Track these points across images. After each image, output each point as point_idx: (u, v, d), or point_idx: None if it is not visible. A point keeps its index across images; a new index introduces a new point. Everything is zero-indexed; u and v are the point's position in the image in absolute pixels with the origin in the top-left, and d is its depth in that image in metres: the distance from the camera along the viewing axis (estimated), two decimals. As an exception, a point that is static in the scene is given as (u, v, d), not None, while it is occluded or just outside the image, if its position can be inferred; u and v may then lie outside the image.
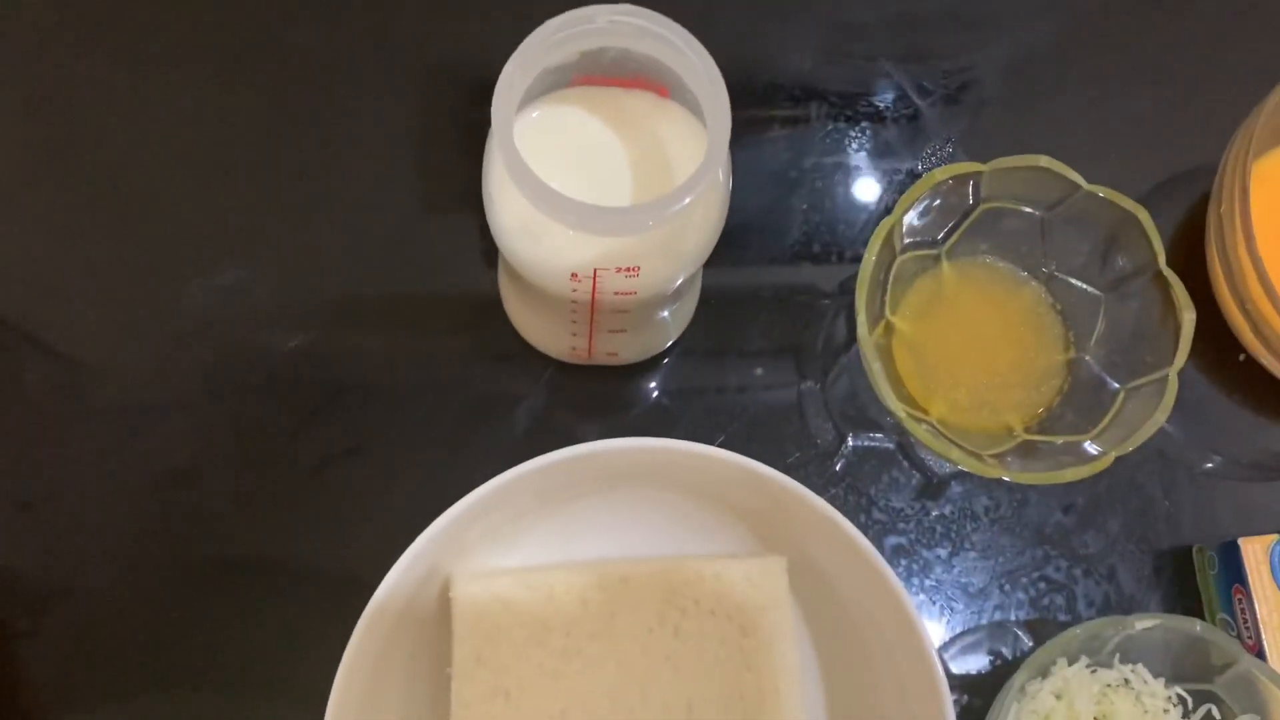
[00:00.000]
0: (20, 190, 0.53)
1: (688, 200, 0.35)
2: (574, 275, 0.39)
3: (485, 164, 0.40)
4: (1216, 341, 0.52)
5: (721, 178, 0.40)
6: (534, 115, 0.41)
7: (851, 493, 0.52)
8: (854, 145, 0.56)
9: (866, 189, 0.56)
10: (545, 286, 0.40)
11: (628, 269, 0.38)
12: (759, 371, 0.54)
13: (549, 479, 0.42)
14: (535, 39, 0.36)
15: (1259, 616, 0.47)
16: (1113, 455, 0.46)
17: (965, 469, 0.46)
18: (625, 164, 0.40)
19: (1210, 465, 0.53)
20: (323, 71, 0.55)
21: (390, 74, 0.55)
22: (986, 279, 0.53)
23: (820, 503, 0.40)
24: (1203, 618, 0.50)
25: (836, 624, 0.45)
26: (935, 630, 0.50)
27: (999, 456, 0.49)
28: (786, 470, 0.51)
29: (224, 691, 0.48)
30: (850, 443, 0.53)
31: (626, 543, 0.45)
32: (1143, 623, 0.44)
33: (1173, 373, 0.46)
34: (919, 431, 0.46)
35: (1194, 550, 0.51)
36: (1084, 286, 0.51)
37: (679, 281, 0.41)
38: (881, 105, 0.57)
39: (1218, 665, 0.45)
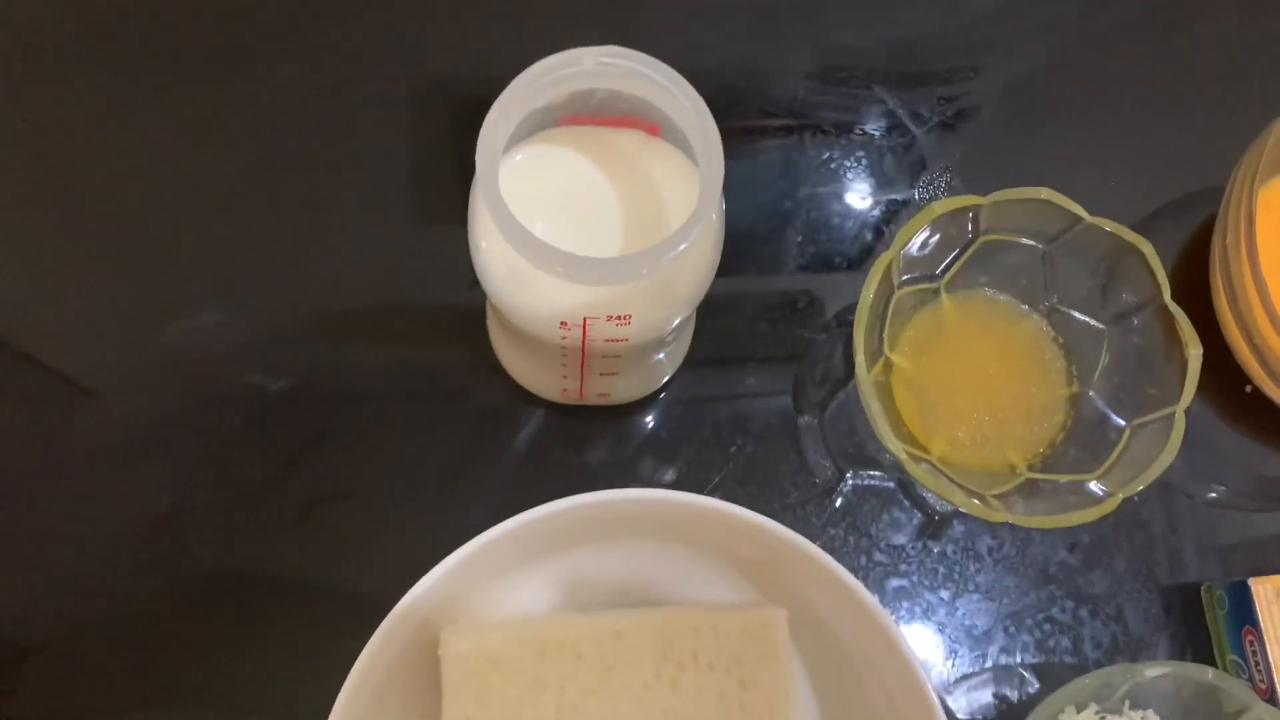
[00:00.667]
0: (-6, 231, 0.52)
1: (682, 248, 0.34)
2: (563, 323, 0.37)
3: (470, 210, 0.38)
4: (1222, 372, 0.51)
5: (715, 219, 0.38)
6: (519, 158, 0.39)
7: (852, 532, 0.51)
8: (849, 174, 0.55)
9: (861, 219, 0.55)
10: (534, 333, 0.39)
11: (619, 317, 0.37)
12: (755, 407, 0.52)
13: (540, 531, 0.40)
14: (520, 84, 0.35)
15: (1271, 659, 0.46)
16: (1119, 497, 0.44)
17: (967, 511, 0.44)
18: (615, 206, 0.39)
19: (1217, 498, 0.52)
20: (306, 103, 0.54)
21: (373, 103, 0.54)
22: (987, 312, 0.52)
23: (816, 551, 0.39)
24: (1212, 658, 0.49)
25: (838, 674, 0.43)
26: (939, 674, 0.49)
27: (1002, 496, 0.47)
28: (785, 509, 0.51)
29: (207, 749, 0.46)
30: (849, 480, 0.52)
31: (622, 594, 0.44)
32: (1153, 670, 0.43)
33: (1179, 410, 0.45)
34: (919, 473, 0.44)
35: (1202, 589, 0.50)
36: (1087, 320, 0.50)
37: (673, 325, 0.40)
38: (876, 133, 0.56)
39: (1230, 712, 0.44)
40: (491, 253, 0.37)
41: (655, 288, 0.37)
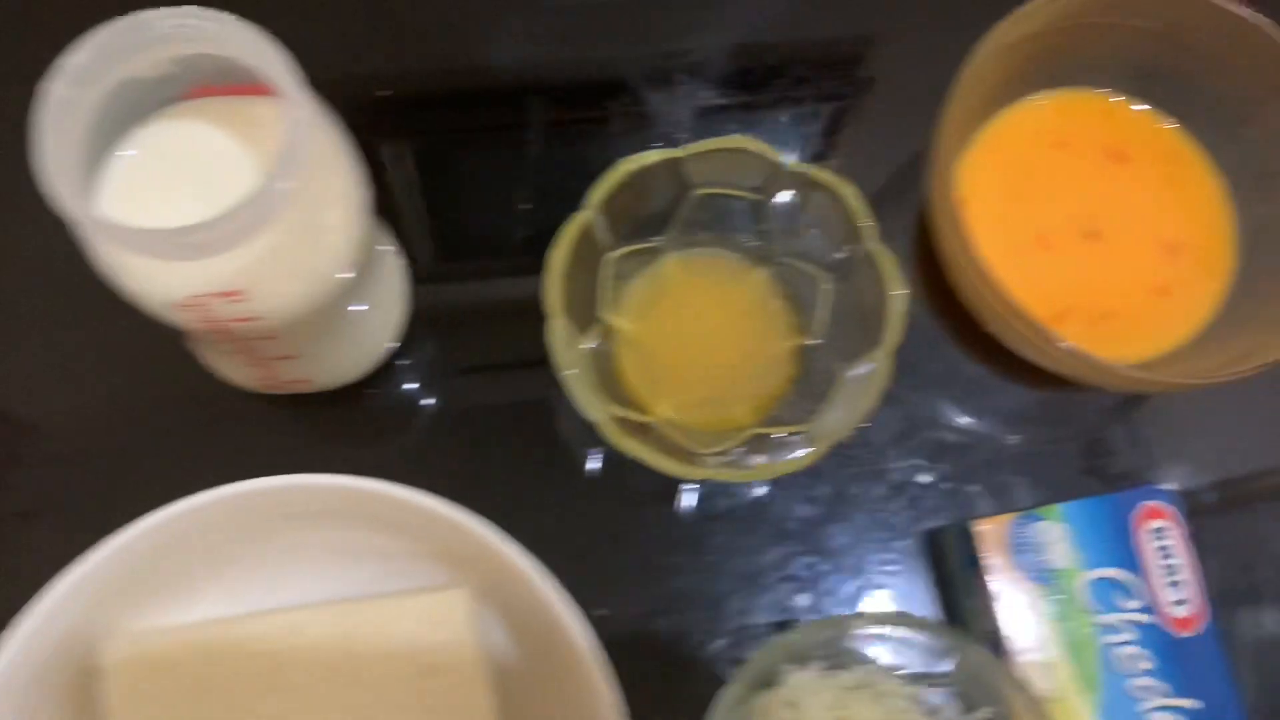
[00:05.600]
0: None
1: (249, 218, 0.32)
2: (179, 306, 0.35)
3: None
4: (964, 313, 0.50)
5: (343, 183, 0.36)
6: (142, 135, 0.37)
7: (602, 501, 0.49)
8: (576, 139, 0.54)
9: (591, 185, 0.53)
10: (164, 320, 0.37)
11: (230, 294, 0.35)
12: (487, 386, 0.51)
13: (201, 524, 0.38)
14: (84, 55, 0.32)
15: (996, 601, 0.45)
16: (824, 446, 0.43)
17: (672, 474, 0.43)
18: (246, 182, 0.37)
19: (960, 443, 0.51)
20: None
21: None
22: (710, 269, 0.50)
23: (478, 525, 0.37)
24: (953, 604, 0.48)
25: (532, 654, 0.42)
26: (679, 643, 0.47)
27: (725, 453, 0.46)
28: (534, 489, 0.49)
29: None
30: (592, 453, 0.50)
31: (306, 588, 0.42)
32: (857, 622, 0.42)
33: (884, 354, 0.44)
34: (615, 436, 0.43)
35: (936, 535, 0.49)
36: (809, 269, 0.49)
37: (320, 301, 0.38)
38: (604, 95, 0.54)
39: (954, 659, 0.43)
40: (91, 243, 0.35)
41: (269, 261, 0.35)
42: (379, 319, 0.47)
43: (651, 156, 0.45)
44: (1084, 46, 0.49)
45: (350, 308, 0.43)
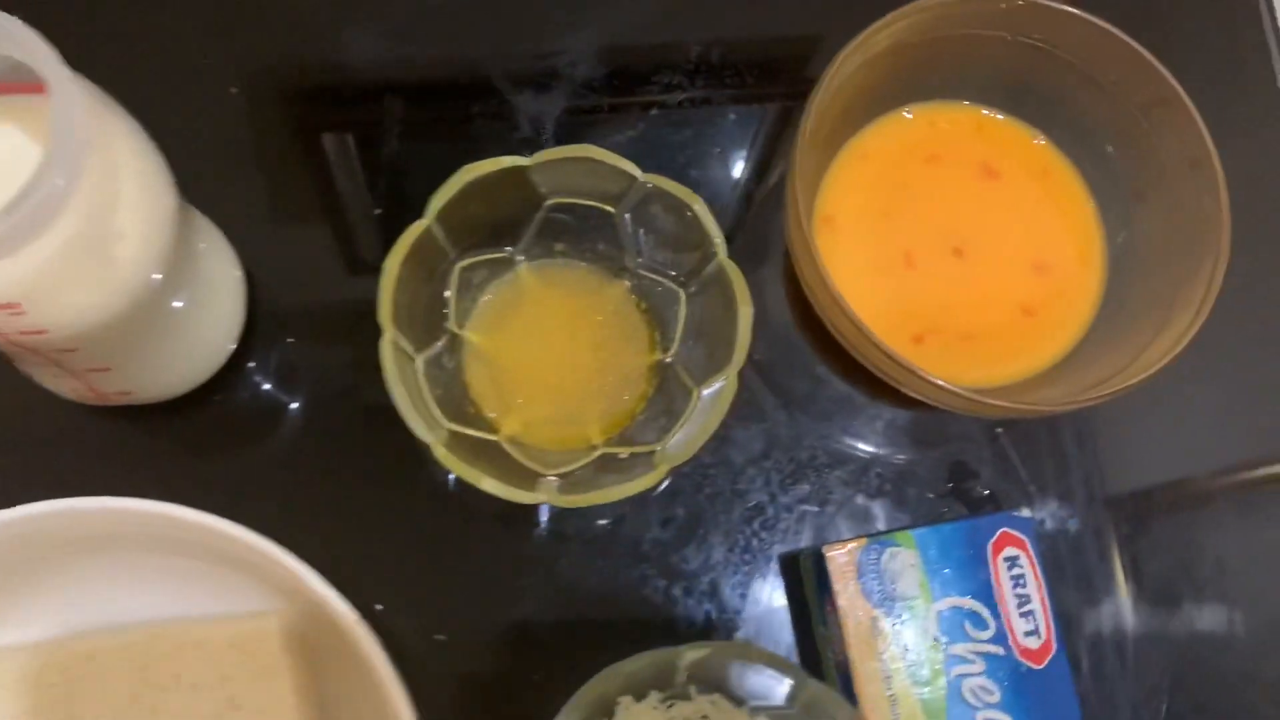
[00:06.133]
0: None
1: (17, 223, 0.30)
2: (-50, 318, 0.33)
3: None
4: (824, 330, 0.49)
5: (133, 191, 0.34)
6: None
7: (450, 516, 0.47)
8: (436, 142, 0.52)
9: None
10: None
11: (5, 306, 0.33)
12: (337, 392, 0.49)
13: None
14: None
15: (845, 629, 0.44)
16: (665, 470, 0.42)
17: (507, 499, 0.41)
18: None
19: (823, 463, 0.50)
20: None
21: None
22: (566, 281, 0.49)
23: (271, 548, 0.35)
24: (808, 630, 0.47)
25: (346, 679, 0.40)
26: (516, 675, 0.46)
27: (572, 474, 0.45)
28: (381, 504, 0.47)
29: None
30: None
31: (112, 612, 0.40)
32: (694, 652, 0.40)
33: (731, 373, 0.43)
34: (446, 459, 0.41)
35: (792, 559, 0.48)
36: (665, 283, 0.47)
37: (118, 312, 0.36)
38: (466, 96, 0.52)
39: (794, 691, 0.41)
40: None
41: (48, 273, 0.33)
42: (209, 324, 0.45)
43: (488, 166, 0.43)
44: (951, 59, 0.48)
45: (171, 314, 0.41)
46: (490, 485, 0.41)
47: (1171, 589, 0.49)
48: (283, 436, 0.48)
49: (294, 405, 0.48)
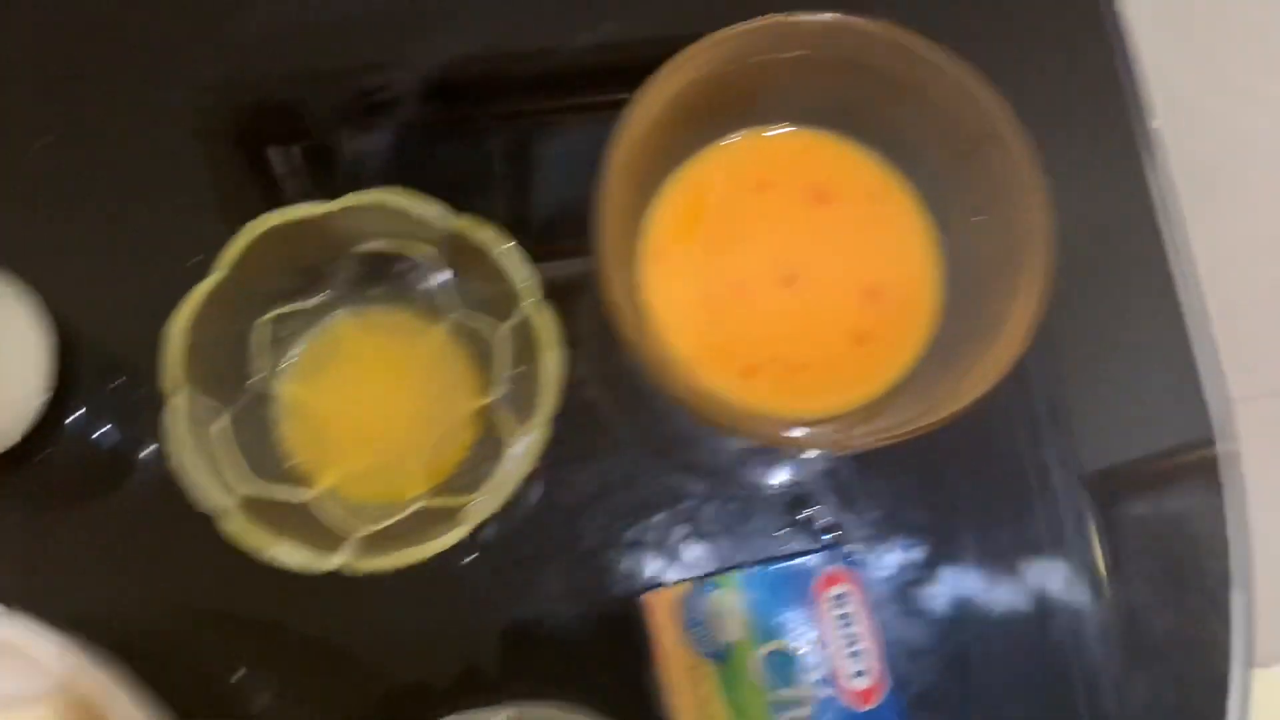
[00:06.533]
0: None
1: None
2: None
3: None
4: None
5: None
6: None
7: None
8: (251, 187, 0.50)
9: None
10: None
11: None
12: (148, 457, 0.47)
13: None
14: None
15: (670, 677, 0.43)
16: (473, 523, 0.41)
17: (297, 569, 0.40)
18: None
19: (657, 502, 0.48)
20: None
21: None
22: (386, 328, 0.47)
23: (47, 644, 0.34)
24: (642, 680, 0.46)
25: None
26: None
27: (388, 529, 0.43)
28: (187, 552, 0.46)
29: None
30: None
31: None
32: (497, 715, 0.39)
33: (540, 420, 0.42)
34: (237, 529, 0.40)
35: (625, 603, 0.46)
36: (487, 326, 0.46)
37: None
38: (282, 136, 0.51)
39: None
40: None
41: None
42: (10, 377, 0.43)
43: (281, 216, 0.42)
44: (773, 82, 0.47)
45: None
46: (288, 555, 0.40)
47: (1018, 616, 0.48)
48: (110, 484, 0.47)
49: (125, 448, 0.47)
